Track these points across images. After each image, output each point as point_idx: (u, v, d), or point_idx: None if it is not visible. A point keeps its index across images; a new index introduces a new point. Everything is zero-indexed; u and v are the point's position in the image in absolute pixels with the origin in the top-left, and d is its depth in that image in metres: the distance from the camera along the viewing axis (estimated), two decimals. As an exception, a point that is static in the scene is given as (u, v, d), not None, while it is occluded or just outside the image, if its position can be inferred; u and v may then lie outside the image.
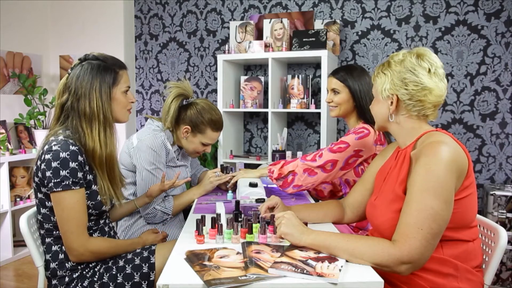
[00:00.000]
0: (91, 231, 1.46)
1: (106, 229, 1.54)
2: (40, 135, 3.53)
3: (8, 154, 3.13)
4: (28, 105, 3.48)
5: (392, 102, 1.29)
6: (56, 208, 1.35)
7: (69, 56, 3.93)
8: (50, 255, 1.42)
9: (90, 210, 1.42)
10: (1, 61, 3.48)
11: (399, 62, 1.28)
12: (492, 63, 2.95)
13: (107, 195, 1.47)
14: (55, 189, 1.32)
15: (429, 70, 1.25)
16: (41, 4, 3.85)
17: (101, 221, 1.51)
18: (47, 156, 1.33)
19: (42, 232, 1.44)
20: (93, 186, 1.42)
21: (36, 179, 1.39)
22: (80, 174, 1.36)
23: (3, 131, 3.27)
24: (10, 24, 3.55)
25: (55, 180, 1.32)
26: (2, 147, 3.14)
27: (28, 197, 3.33)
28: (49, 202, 1.39)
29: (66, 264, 1.41)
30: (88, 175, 1.41)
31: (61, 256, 1.41)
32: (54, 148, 1.34)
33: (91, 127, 1.41)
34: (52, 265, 1.41)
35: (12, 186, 3.25)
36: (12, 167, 3.25)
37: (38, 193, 1.40)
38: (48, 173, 1.33)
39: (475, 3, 2.95)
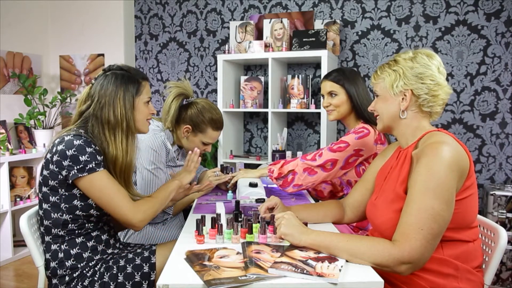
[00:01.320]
0: (89, 230, 1.46)
1: (106, 228, 1.54)
2: (40, 135, 3.54)
3: (8, 154, 3.13)
4: (28, 105, 3.48)
5: (403, 98, 1.29)
6: (89, 192, 1.36)
7: (69, 56, 3.93)
8: (49, 254, 1.42)
9: (92, 211, 1.42)
10: (1, 61, 3.49)
11: (409, 58, 1.29)
12: (492, 63, 2.95)
13: None
14: (80, 175, 1.33)
15: (438, 68, 1.28)
16: (41, 4, 3.85)
17: (101, 223, 1.51)
18: (60, 147, 1.34)
19: (41, 230, 1.44)
20: None
21: (45, 172, 1.38)
22: (99, 157, 1.37)
23: (3, 131, 3.27)
24: (10, 24, 3.56)
25: (78, 167, 1.33)
26: (2, 147, 3.14)
27: (28, 197, 3.33)
28: (53, 197, 1.39)
29: (66, 263, 1.41)
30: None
31: (60, 255, 1.41)
32: (66, 138, 1.35)
33: (115, 135, 1.43)
34: (52, 264, 1.41)
35: (12, 186, 3.25)
36: (12, 167, 3.25)
37: (44, 187, 1.40)
38: (65, 162, 1.33)
39: (475, 3, 2.95)
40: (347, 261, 1.16)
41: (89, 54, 3.87)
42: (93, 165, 1.34)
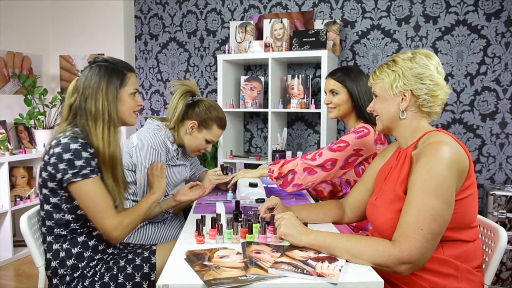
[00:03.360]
0: (91, 229, 1.46)
1: None
2: (40, 135, 3.54)
3: (8, 154, 3.13)
4: (28, 105, 3.48)
5: (402, 99, 1.29)
6: (79, 198, 1.36)
7: (69, 56, 3.93)
8: (51, 253, 1.42)
9: None
10: (1, 61, 3.49)
11: (408, 59, 1.29)
12: (492, 63, 2.95)
13: (114, 195, 1.48)
14: (73, 179, 1.33)
15: (437, 68, 1.28)
16: (41, 4, 3.85)
17: None
18: (57, 150, 1.34)
19: (43, 230, 1.44)
20: None
21: (44, 174, 1.39)
22: (93, 163, 1.37)
23: (3, 131, 3.27)
24: (10, 24, 3.55)
25: (72, 171, 1.33)
26: (2, 147, 3.14)
27: (28, 197, 3.33)
28: (54, 198, 1.39)
29: (67, 262, 1.41)
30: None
31: (62, 254, 1.41)
32: (63, 141, 1.35)
33: (96, 126, 1.43)
34: (53, 263, 1.41)
35: (12, 186, 3.25)
36: (12, 167, 3.25)
37: (43, 189, 1.40)
38: (61, 166, 1.34)
39: (475, 3, 2.95)
40: (347, 261, 1.16)
41: (89, 54, 3.87)
42: (88, 171, 1.35)
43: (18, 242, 3.28)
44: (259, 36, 3.31)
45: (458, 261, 1.22)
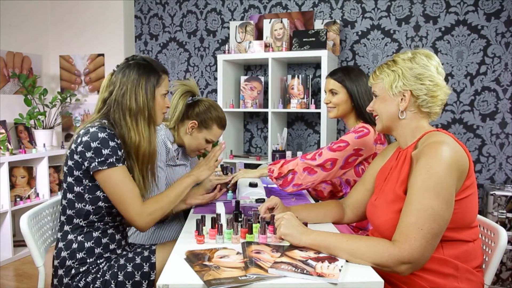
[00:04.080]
0: (107, 226, 1.47)
1: (121, 228, 1.54)
2: (40, 135, 3.54)
3: (8, 154, 3.13)
4: (28, 105, 3.48)
5: (402, 99, 1.29)
6: (105, 186, 1.38)
7: (69, 56, 3.93)
8: (64, 243, 1.43)
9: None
10: (1, 61, 3.49)
11: (408, 59, 1.29)
12: (492, 63, 2.95)
13: (140, 189, 1.49)
14: (100, 168, 1.35)
15: (437, 68, 1.28)
16: (41, 4, 3.85)
17: (118, 218, 1.51)
18: (85, 138, 1.36)
19: (62, 219, 1.46)
20: None
21: (70, 162, 1.40)
22: (120, 153, 1.39)
23: (3, 131, 3.27)
24: (10, 24, 3.56)
25: (99, 159, 1.35)
26: (2, 147, 3.14)
27: (28, 197, 3.33)
28: (78, 187, 1.40)
29: (77, 255, 1.41)
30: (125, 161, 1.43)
31: (74, 245, 1.42)
32: (91, 130, 1.37)
33: (137, 122, 1.45)
34: (63, 253, 1.42)
35: (12, 186, 3.25)
36: (12, 167, 3.25)
37: (69, 177, 1.42)
38: (88, 154, 1.35)
39: (475, 3, 2.95)
40: (347, 261, 1.16)
41: (89, 54, 3.87)
42: (114, 160, 1.36)
43: (18, 242, 3.28)
44: (259, 36, 3.31)
45: (458, 261, 1.21)
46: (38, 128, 3.54)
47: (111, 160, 1.36)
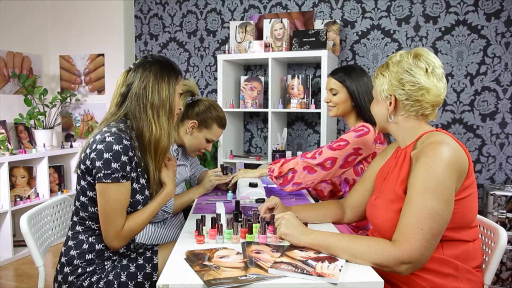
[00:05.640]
0: None
1: None
2: (40, 135, 3.54)
3: (8, 154, 3.13)
4: (28, 105, 3.48)
5: (390, 103, 1.29)
6: (100, 198, 1.36)
7: (69, 56, 3.93)
8: (74, 242, 1.42)
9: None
10: (1, 61, 3.49)
11: (396, 63, 1.28)
12: (492, 63, 2.95)
13: (155, 187, 1.49)
14: (104, 180, 1.33)
15: (426, 70, 1.25)
16: (41, 4, 3.85)
17: None
18: (100, 146, 1.34)
19: (75, 219, 1.45)
20: (134, 184, 1.42)
21: (83, 167, 1.38)
22: (128, 168, 1.37)
23: (3, 131, 3.27)
24: (10, 24, 3.56)
25: (106, 172, 1.33)
26: (2, 147, 3.14)
27: (28, 197, 3.33)
28: (91, 192, 1.39)
29: (86, 255, 1.41)
30: (133, 173, 1.41)
31: (85, 246, 1.41)
32: (108, 139, 1.34)
33: (158, 116, 1.44)
34: (72, 252, 1.41)
35: (12, 186, 3.25)
36: (12, 167, 3.25)
37: (82, 181, 1.40)
38: (98, 163, 1.33)
39: (475, 3, 2.95)
40: (347, 261, 1.16)
41: (89, 54, 3.87)
42: (119, 175, 1.34)
43: (18, 242, 3.28)
44: (259, 36, 3.31)
45: (458, 261, 1.22)
46: (38, 128, 3.54)
47: (117, 175, 1.34)
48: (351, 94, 1.94)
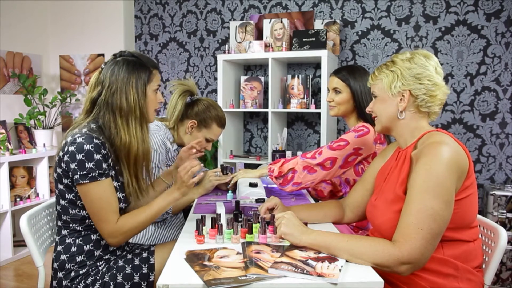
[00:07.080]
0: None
1: None
2: (40, 135, 3.54)
3: (8, 154, 3.13)
4: (28, 105, 3.48)
5: (401, 99, 1.29)
6: (84, 199, 1.36)
7: (69, 56, 3.93)
8: (62, 246, 1.42)
9: None
10: (1, 61, 3.49)
11: (407, 59, 1.29)
12: (492, 63, 2.95)
13: (131, 191, 1.47)
14: (81, 181, 1.33)
15: (436, 68, 1.28)
16: (41, 4, 3.85)
17: None
18: (71, 148, 1.33)
19: (59, 223, 1.44)
20: (113, 182, 1.42)
21: (59, 170, 1.38)
22: (105, 165, 1.36)
23: (3, 131, 3.27)
24: (10, 24, 3.56)
25: (81, 173, 1.32)
26: (2, 147, 3.14)
27: (28, 197, 3.33)
28: (69, 194, 1.39)
29: (77, 258, 1.41)
30: (111, 170, 1.40)
31: (73, 249, 1.41)
32: (78, 140, 1.33)
33: (128, 123, 1.41)
34: (63, 257, 1.41)
35: (12, 186, 3.25)
36: (12, 167, 3.25)
37: (59, 184, 1.40)
38: (72, 165, 1.33)
39: (475, 3, 2.95)
40: (347, 261, 1.16)
41: (89, 54, 3.87)
42: (96, 174, 1.33)
43: (18, 242, 3.28)
44: (259, 36, 3.31)
45: (458, 261, 1.22)
46: (38, 128, 3.54)
47: (93, 174, 1.33)
48: (353, 94, 1.93)
